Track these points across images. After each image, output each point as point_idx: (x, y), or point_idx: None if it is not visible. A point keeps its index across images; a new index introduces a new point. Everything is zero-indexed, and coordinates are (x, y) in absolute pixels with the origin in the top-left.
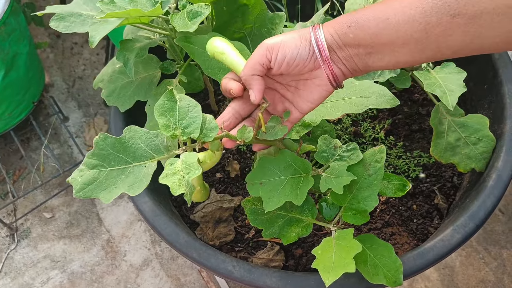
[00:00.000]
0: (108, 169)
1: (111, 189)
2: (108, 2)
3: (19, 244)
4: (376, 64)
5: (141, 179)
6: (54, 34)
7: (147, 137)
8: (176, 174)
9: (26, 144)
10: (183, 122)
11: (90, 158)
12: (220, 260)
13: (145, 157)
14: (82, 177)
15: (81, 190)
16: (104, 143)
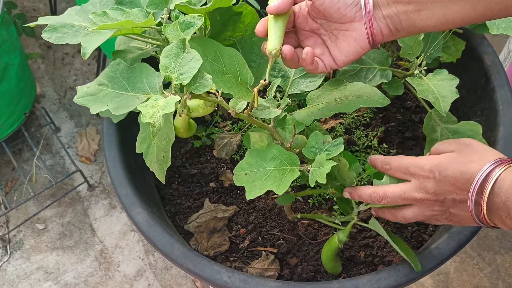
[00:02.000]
0: (110, 90)
1: (102, 104)
2: (100, 14)
3: (12, 256)
4: (423, 23)
5: (127, 106)
6: (45, 45)
7: (151, 74)
8: (154, 108)
9: (18, 155)
10: (181, 69)
11: (101, 77)
12: (215, 270)
13: (141, 91)
14: (89, 88)
15: (81, 97)
16: (117, 68)
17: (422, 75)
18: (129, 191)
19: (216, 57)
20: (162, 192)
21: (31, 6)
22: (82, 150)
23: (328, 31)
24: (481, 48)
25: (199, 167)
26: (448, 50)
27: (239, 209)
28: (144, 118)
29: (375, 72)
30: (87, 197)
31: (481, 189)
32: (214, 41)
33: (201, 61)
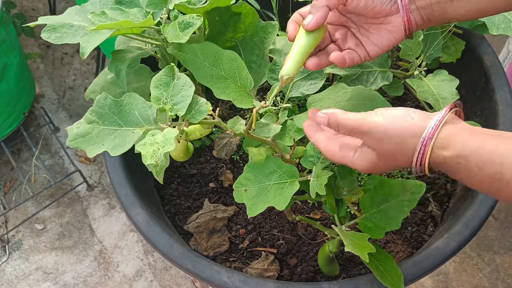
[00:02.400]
0: (102, 127)
1: (98, 145)
2: (99, 14)
3: (11, 256)
4: (455, 12)
5: (125, 142)
6: (44, 45)
7: (142, 106)
8: (153, 145)
9: (17, 155)
10: (174, 99)
11: (90, 114)
12: (215, 271)
13: (135, 124)
14: (78, 128)
15: (74, 140)
16: (104, 103)
17: (422, 76)
18: (129, 191)
19: (215, 62)
20: (162, 192)
21: (30, 5)
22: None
23: (358, 24)
24: (480, 48)
25: (198, 167)
26: (447, 50)
27: (239, 209)
28: (145, 159)
29: (376, 75)
30: (86, 197)
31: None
32: (213, 45)
33: (194, 88)
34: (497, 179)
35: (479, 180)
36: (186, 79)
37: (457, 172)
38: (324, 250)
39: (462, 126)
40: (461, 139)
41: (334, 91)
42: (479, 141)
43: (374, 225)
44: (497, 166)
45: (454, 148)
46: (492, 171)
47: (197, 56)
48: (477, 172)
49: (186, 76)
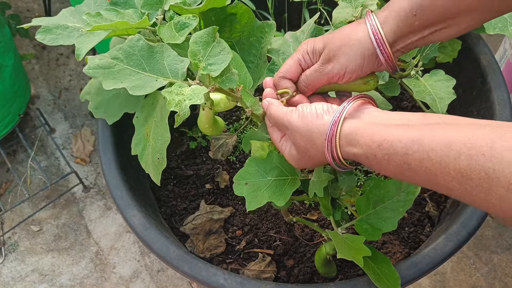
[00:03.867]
0: (125, 66)
1: (117, 81)
2: (94, 15)
3: (7, 258)
4: (436, 38)
5: (147, 86)
6: (39, 46)
7: (173, 58)
8: (179, 95)
9: (12, 156)
10: (210, 59)
11: (116, 50)
12: (212, 273)
13: (161, 74)
14: (101, 60)
15: (92, 69)
16: (136, 44)
17: (418, 76)
18: (124, 193)
19: None
20: (158, 193)
21: (25, 6)
22: (77, 151)
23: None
24: (477, 48)
25: (194, 169)
26: (444, 50)
27: (235, 211)
28: (170, 105)
29: None
30: (82, 199)
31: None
32: None
33: (231, 55)
34: (406, 169)
35: (391, 171)
36: (226, 45)
37: (370, 166)
38: (321, 252)
39: (366, 120)
40: (367, 134)
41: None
42: (384, 134)
43: (370, 227)
44: (402, 157)
45: (360, 145)
46: (400, 162)
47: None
48: (386, 165)
49: (226, 43)
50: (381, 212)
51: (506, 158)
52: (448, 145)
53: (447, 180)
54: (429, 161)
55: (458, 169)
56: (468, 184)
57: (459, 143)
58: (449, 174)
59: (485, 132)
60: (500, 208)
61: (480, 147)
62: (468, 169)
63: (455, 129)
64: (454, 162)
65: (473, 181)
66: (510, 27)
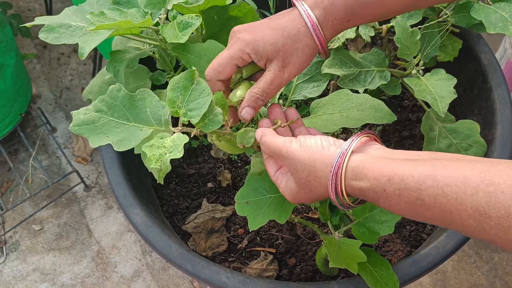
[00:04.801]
0: (109, 119)
1: (102, 136)
2: (98, 14)
3: (8, 257)
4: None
5: (132, 139)
6: (40, 45)
7: (155, 104)
8: (160, 149)
9: (13, 156)
10: (190, 104)
11: (99, 102)
12: (214, 271)
13: (145, 122)
14: (85, 115)
15: (78, 126)
16: (116, 94)
17: (419, 75)
18: (127, 192)
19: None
20: (160, 192)
21: (26, 6)
22: (78, 150)
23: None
24: (478, 47)
25: (196, 167)
26: (445, 49)
27: None
28: (150, 162)
29: (373, 74)
30: (84, 198)
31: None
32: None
33: (211, 96)
34: (419, 205)
35: (402, 208)
36: (205, 86)
37: (377, 202)
38: (321, 252)
39: (374, 154)
40: (375, 167)
41: (338, 97)
42: (394, 168)
43: (367, 230)
44: (415, 192)
45: (368, 179)
46: (412, 198)
47: (200, 56)
48: (397, 200)
49: (206, 84)
50: (378, 215)
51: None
52: (464, 181)
53: (464, 218)
54: (444, 197)
55: (476, 207)
56: (486, 223)
57: (476, 179)
58: (465, 212)
59: (501, 168)
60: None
61: (498, 184)
62: (487, 207)
63: (470, 165)
64: (471, 199)
65: (492, 219)
66: (510, 26)
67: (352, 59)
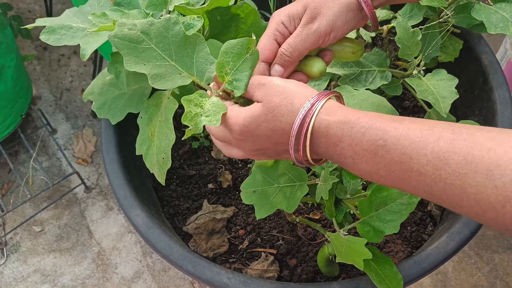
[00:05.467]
0: (153, 46)
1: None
2: (100, 15)
3: (9, 259)
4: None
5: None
6: (41, 46)
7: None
8: (198, 108)
9: (14, 157)
10: (238, 74)
11: (149, 25)
12: (215, 272)
13: (186, 68)
14: (130, 30)
15: (119, 39)
16: (172, 27)
17: (420, 75)
18: (128, 193)
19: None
20: (160, 193)
21: (26, 7)
22: (78, 151)
23: None
24: (478, 47)
25: (197, 168)
26: (446, 49)
27: (238, 210)
28: (185, 118)
29: (374, 74)
30: (84, 199)
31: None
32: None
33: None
34: (380, 146)
35: (362, 147)
36: (257, 54)
37: (339, 140)
38: (323, 252)
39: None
40: (346, 109)
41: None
42: (363, 112)
43: (372, 229)
44: (379, 132)
45: (338, 115)
46: (375, 137)
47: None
48: (360, 139)
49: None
50: (384, 214)
51: (486, 145)
52: (429, 128)
53: (422, 163)
54: (407, 139)
55: (436, 152)
56: (444, 170)
57: (440, 128)
58: (425, 157)
59: (465, 125)
60: (475, 198)
61: (460, 133)
62: (447, 153)
63: (437, 121)
64: (433, 144)
65: (449, 166)
66: (511, 26)
67: None
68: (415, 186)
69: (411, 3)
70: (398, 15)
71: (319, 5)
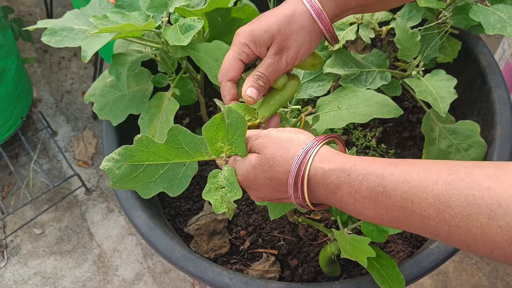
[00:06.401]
0: (146, 163)
1: (149, 183)
2: (101, 17)
3: (9, 261)
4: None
5: (177, 177)
6: (41, 49)
7: (191, 140)
8: (219, 190)
9: (14, 160)
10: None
11: (167, 134)
12: (217, 273)
13: (186, 156)
14: (119, 170)
15: (118, 182)
16: (181, 132)
17: (420, 76)
18: (129, 194)
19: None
20: (162, 194)
21: (27, 10)
22: (79, 154)
23: None
24: (477, 48)
25: (198, 169)
26: (444, 50)
27: (239, 211)
28: (217, 209)
29: (374, 75)
30: (85, 201)
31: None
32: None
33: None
34: (380, 192)
35: (362, 195)
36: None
37: (337, 188)
38: (325, 252)
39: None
40: (343, 155)
41: (344, 93)
42: (358, 158)
43: (376, 228)
44: (377, 178)
45: (334, 163)
46: (374, 184)
47: (209, 55)
48: (358, 186)
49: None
50: None
51: (485, 185)
52: (426, 170)
53: (424, 207)
54: (406, 184)
55: (437, 195)
56: (447, 212)
57: (437, 169)
58: (426, 200)
59: (461, 162)
60: (481, 238)
61: (458, 173)
62: (447, 195)
63: (432, 160)
64: (432, 187)
65: (452, 208)
66: (509, 27)
67: (353, 59)
68: (420, 228)
69: (410, 4)
70: (397, 16)
71: (286, 38)
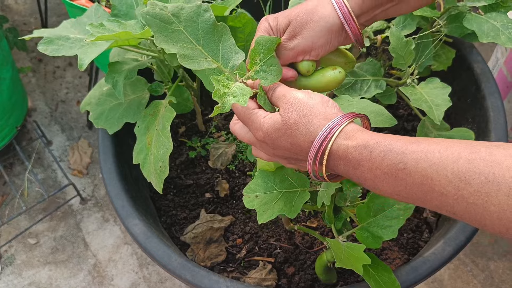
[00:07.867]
0: (181, 29)
1: (168, 40)
2: (97, 25)
3: (3, 272)
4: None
5: (194, 61)
6: (36, 59)
7: (229, 45)
8: (225, 88)
9: (9, 169)
10: (266, 66)
11: (180, 9)
12: (214, 281)
13: (211, 54)
14: (161, 10)
15: (150, 16)
16: (202, 14)
17: (414, 84)
18: (126, 203)
19: None
20: (158, 203)
21: (21, 20)
22: (74, 163)
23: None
24: (470, 56)
25: (194, 178)
26: (438, 58)
27: (235, 219)
28: (214, 95)
29: (369, 83)
30: (80, 211)
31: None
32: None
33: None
34: (400, 169)
35: (383, 171)
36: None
37: (358, 164)
38: (321, 259)
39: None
40: (365, 133)
41: (339, 103)
42: (381, 136)
43: (371, 235)
44: (399, 155)
45: (358, 139)
46: (395, 160)
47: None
48: (380, 162)
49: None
50: (382, 220)
51: (506, 164)
52: (447, 148)
53: (443, 184)
54: (426, 161)
55: (457, 172)
56: (466, 190)
57: (458, 148)
58: (446, 178)
59: (481, 142)
60: (498, 217)
61: (479, 152)
62: (467, 173)
63: (454, 140)
64: (453, 165)
65: (471, 186)
66: (502, 35)
67: None
68: (438, 205)
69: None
70: (392, 25)
71: (301, 24)
